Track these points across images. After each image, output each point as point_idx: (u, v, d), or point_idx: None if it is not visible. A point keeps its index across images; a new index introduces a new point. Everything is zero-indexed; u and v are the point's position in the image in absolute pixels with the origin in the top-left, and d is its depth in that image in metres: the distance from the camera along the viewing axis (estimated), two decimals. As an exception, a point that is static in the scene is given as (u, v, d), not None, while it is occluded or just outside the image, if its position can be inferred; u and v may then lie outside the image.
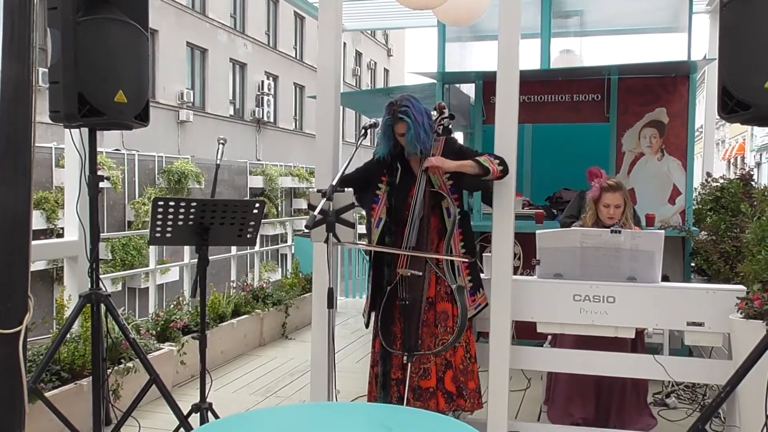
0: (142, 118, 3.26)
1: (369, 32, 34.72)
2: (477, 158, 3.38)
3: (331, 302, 2.99)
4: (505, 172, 3.42)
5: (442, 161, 3.33)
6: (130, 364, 4.23)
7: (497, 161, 3.40)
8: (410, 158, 3.49)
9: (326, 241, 2.95)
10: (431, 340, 3.42)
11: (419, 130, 3.33)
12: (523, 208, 6.22)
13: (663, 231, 3.67)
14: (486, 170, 3.34)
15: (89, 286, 3.29)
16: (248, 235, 3.39)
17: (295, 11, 26.73)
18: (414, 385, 3.40)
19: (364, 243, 3.43)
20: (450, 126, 3.60)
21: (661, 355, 3.90)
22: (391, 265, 3.47)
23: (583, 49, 7.26)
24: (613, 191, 3.96)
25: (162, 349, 4.75)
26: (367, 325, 3.57)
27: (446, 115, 3.56)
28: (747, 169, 6.41)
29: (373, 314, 3.54)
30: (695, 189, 5.94)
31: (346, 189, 3.03)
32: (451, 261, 3.40)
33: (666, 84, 5.63)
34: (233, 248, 7.29)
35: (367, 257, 6.34)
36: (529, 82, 5.59)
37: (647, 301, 3.54)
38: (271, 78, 25.78)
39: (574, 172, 6.13)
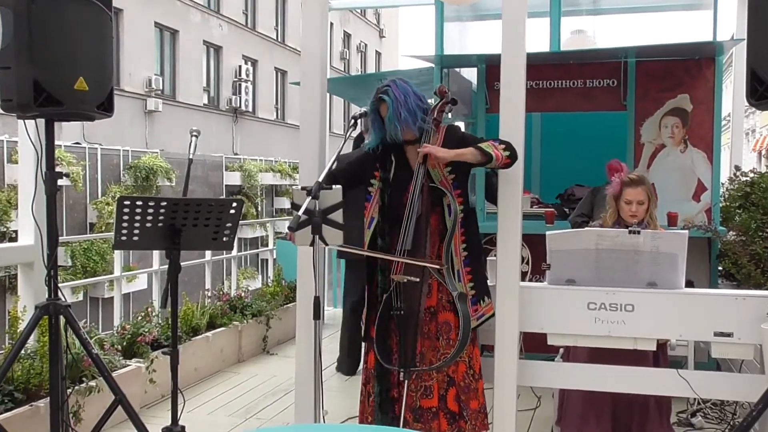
0: (106, 108, 3.25)
1: (359, 11, 34.70)
2: (479, 144, 3.37)
3: (317, 313, 2.99)
4: (512, 158, 3.40)
5: (436, 150, 3.30)
6: (92, 383, 4.21)
7: (502, 146, 3.38)
8: (407, 149, 3.48)
9: (312, 244, 2.95)
10: (433, 354, 3.42)
11: (400, 110, 3.32)
12: (531, 207, 6.22)
13: (687, 231, 3.68)
14: (489, 157, 3.31)
15: (46, 296, 3.28)
16: (224, 238, 3.39)
17: (276, -12, 26.76)
18: (414, 404, 3.40)
19: (356, 247, 3.42)
20: (450, 112, 3.60)
21: (686, 370, 3.91)
22: (386, 271, 3.46)
23: (596, 29, 7.27)
24: (635, 186, 3.97)
25: (129, 366, 4.73)
26: (364, 339, 3.57)
27: (448, 99, 3.55)
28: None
29: (367, 325, 3.53)
30: (722, 184, 5.96)
31: (334, 186, 3.03)
32: (452, 265, 3.40)
33: (689, 67, 5.64)
34: (208, 253, 7.25)
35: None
36: (538, 66, 5.59)
37: (670, 309, 3.55)
38: (249, 62, 25.73)
39: (587, 166, 6.16)
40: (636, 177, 4.02)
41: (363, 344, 3.66)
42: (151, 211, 3.18)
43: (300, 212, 2.88)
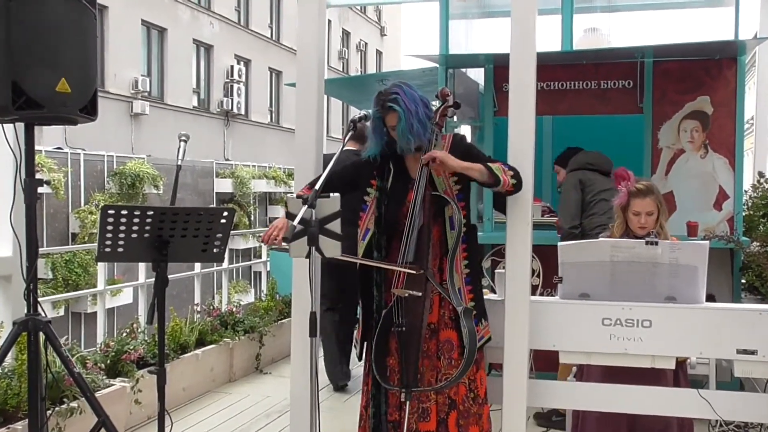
0: (89, 111, 3.25)
1: (358, 8, 34.82)
2: (488, 164, 3.38)
3: (314, 329, 2.99)
4: (517, 187, 3.43)
5: (447, 157, 3.31)
6: (74, 404, 4.20)
7: (511, 173, 3.41)
8: (406, 157, 3.48)
9: (308, 256, 2.94)
10: (432, 374, 3.40)
11: (412, 121, 3.31)
12: (542, 216, 6.22)
13: (707, 242, 3.68)
14: (496, 180, 3.34)
15: (25, 311, 3.27)
16: (215, 250, 3.39)
17: (270, -17, 26.86)
18: (412, 427, 3.38)
19: (355, 257, 3.42)
20: (453, 116, 3.59)
21: (707, 390, 3.90)
22: (382, 286, 3.45)
23: (611, 27, 7.29)
24: (642, 196, 3.97)
25: (113, 385, 4.73)
26: (359, 357, 3.57)
27: (450, 103, 3.56)
28: (807, 167, 6.44)
29: (365, 344, 3.53)
30: (745, 192, 5.96)
31: (331, 194, 3.03)
32: (452, 282, 3.38)
33: (710, 68, 5.66)
34: (197, 265, 7.26)
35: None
36: (549, 66, 5.60)
37: (689, 325, 3.54)
38: (242, 63, 25.80)
39: (602, 172, 6.14)
40: (644, 186, 4.00)
41: (355, 348, 3.65)
42: (137, 220, 3.17)
43: (296, 222, 2.87)
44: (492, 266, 4.99)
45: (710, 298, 3.95)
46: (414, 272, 3.29)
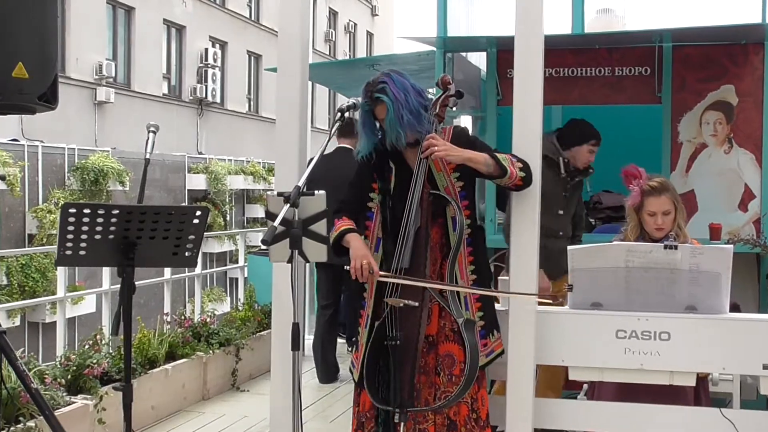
0: (49, 99, 3.24)
1: (347, -15, 34.81)
2: (495, 153, 3.39)
3: (296, 343, 2.98)
4: (526, 181, 3.45)
5: (449, 147, 3.32)
6: (31, 423, 4.19)
7: (519, 164, 3.42)
8: (405, 152, 3.47)
9: (290, 260, 2.95)
10: (429, 392, 3.41)
11: (402, 111, 3.31)
12: (550, 217, 6.23)
13: (731, 246, 3.69)
14: (503, 171, 3.35)
15: (-23, 321, 3.27)
16: (187, 253, 3.38)
17: (249, -42, 26.82)
18: (407, 452, 3.39)
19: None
20: (454, 106, 3.60)
21: (731, 409, 3.91)
22: (378, 294, 3.44)
23: (626, 8, 7.32)
24: (658, 194, 3.98)
25: (74, 403, 4.71)
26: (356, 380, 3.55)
27: (452, 92, 3.54)
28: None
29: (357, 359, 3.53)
30: (774, 191, 5.98)
31: (316, 191, 3.03)
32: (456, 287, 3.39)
33: (734, 54, 5.68)
34: (167, 270, 7.24)
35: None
36: (558, 50, 5.61)
37: (712, 337, 3.55)
38: (217, 45, 25.74)
39: (616, 168, 6.15)
40: (658, 183, 4.02)
41: (351, 373, 3.65)
42: (100, 220, 3.16)
43: (276, 222, 2.87)
44: (495, 273, 4.99)
45: (734, 307, 3.97)
46: (415, 304, 3.29)
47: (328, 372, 6.55)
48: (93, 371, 5.05)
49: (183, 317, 6.65)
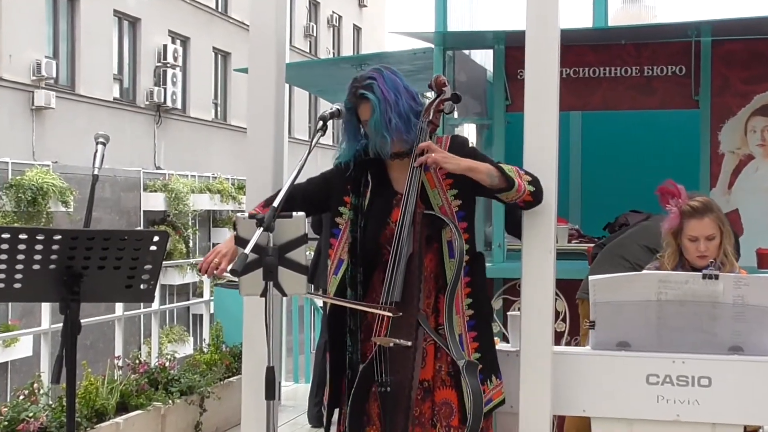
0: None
1: (330, -27, 35.07)
2: (499, 164, 3.38)
3: (271, 391, 2.97)
4: (535, 197, 3.43)
5: (447, 153, 3.32)
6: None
7: (528, 177, 3.41)
8: (389, 165, 3.48)
9: (263, 294, 2.94)
10: (425, 445, 3.39)
11: (390, 114, 3.31)
12: (569, 242, 6.23)
13: (783, 275, 3.69)
14: (509, 183, 3.33)
15: None
16: (142, 285, 3.35)
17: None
18: None
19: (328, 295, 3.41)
20: (451, 111, 3.59)
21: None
22: (358, 333, 3.44)
23: (658, -3, 7.35)
24: (700, 216, 3.99)
25: (7, 464, 4.69)
26: (327, 427, 3.53)
27: (447, 95, 3.54)
28: None
29: (336, 411, 3.51)
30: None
31: (294, 213, 3.03)
32: (452, 327, 3.36)
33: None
34: (119, 306, 7.22)
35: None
36: (577, 47, 5.63)
37: (760, 383, 3.54)
38: (178, 41, 25.85)
39: (645, 184, 6.15)
40: (700, 204, 4.03)
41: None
42: (39, 247, 3.13)
43: (248, 249, 2.87)
44: (504, 307, 4.97)
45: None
46: (390, 315, 3.26)
47: (321, 414, 6.44)
48: (29, 426, 5.04)
49: (137, 361, 6.67)
